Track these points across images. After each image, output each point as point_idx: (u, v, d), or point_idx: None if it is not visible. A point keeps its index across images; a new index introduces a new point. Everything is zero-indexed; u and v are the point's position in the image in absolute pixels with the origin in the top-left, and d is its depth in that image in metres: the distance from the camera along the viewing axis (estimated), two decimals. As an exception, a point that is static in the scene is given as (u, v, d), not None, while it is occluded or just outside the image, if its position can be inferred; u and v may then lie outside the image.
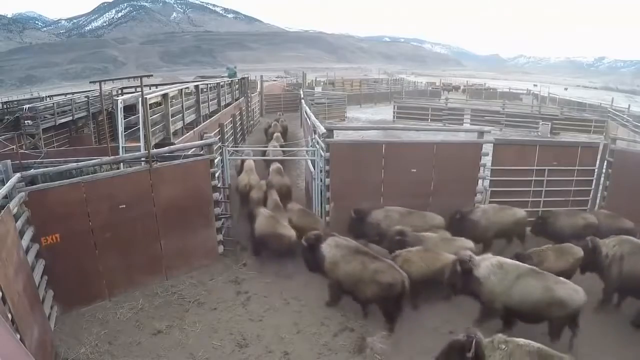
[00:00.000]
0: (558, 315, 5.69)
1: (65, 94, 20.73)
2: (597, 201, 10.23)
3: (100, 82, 7.85)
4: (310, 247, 6.89)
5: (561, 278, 5.99)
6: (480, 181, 9.93)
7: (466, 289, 6.18)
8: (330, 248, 6.76)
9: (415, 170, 9.39)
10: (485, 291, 5.98)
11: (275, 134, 16.43)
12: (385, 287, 6.16)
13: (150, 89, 13.23)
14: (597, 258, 6.77)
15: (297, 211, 9.05)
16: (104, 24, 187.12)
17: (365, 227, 8.41)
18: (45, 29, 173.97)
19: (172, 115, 11.94)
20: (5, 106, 18.83)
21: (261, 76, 32.32)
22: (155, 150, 7.86)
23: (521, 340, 4.49)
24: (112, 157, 7.50)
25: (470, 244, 7.45)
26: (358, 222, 8.46)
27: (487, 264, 6.09)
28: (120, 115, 9.08)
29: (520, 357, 4.33)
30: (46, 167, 7.16)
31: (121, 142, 8.85)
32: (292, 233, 8.13)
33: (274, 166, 11.20)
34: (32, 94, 36.15)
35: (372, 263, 6.39)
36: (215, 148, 8.55)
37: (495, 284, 5.93)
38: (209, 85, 16.69)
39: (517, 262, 6.28)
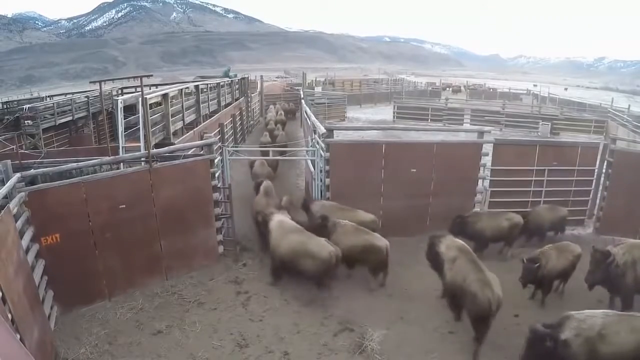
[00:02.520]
0: None
1: (65, 94, 20.75)
2: (597, 201, 10.24)
3: (100, 82, 7.84)
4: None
5: None
6: (480, 181, 9.94)
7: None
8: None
9: (415, 170, 9.39)
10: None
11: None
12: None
13: (150, 89, 13.25)
14: (610, 270, 6.58)
15: None
16: (104, 24, 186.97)
17: (309, 215, 8.95)
18: (45, 29, 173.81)
19: (172, 115, 11.95)
20: (5, 106, 18.85)
21: (261, 76, 32.29)
22: (155, 150, 7.86)
23: None
24: (112, 157, 7.50)
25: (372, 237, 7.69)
26: (305, 209, 9.12)
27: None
28: (120, 115, 9.08)
29: None
30: (46, 167, 7.15)
31: (121, 142, 8.84)
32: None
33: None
34: (32, 94, 36.15)
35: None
36: (215, 148, 8.54)
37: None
38: (209, 85, 16.70)
39: None
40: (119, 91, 17.12)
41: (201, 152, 8.44)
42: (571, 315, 5.04)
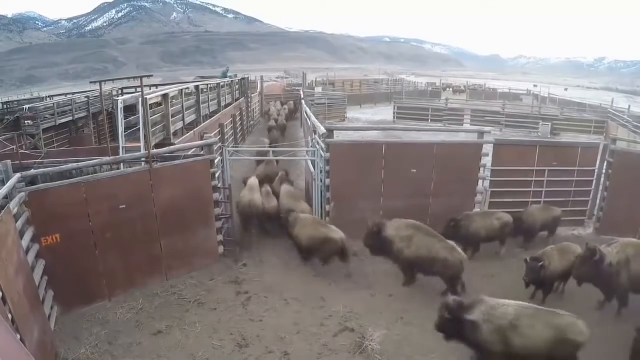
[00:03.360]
0: None
1: (65, 94, 20.74)
2: (597, 201, 10.24)
3: (100, 82, 7.84)
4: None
5: None
6: (480, 181, 9.94)
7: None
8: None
9: (415, 170, 9.39)
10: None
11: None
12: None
13: (150, 89, 13.24)
14: (601, 268, 6.59)
15: None
16: (104, 24, 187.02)
17: None
18: (45, 29, 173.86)
19: (172, 116, 11.95)
20: (5, 106, 18.83)
21: (261, 76, 32.30)
22: (155, 150, 7.86)
23: None
24: (112, 157, 7.50)
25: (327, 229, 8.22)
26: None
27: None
28: (120, 115, 9.08)
29: None
30: (46, 167, 7.16)
31: (121, 142, 8.84)
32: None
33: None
34: (32, 94, 36.10)
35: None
36: (215, 148, 8.54)
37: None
38: (209, 86, 16.69)
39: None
40: (119, 91, 17.13)
41: (201, 152, 8.44)
42: (484, 299, 5.25)
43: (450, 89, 48.14)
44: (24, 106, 15.34)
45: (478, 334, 5.09)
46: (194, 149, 8.73)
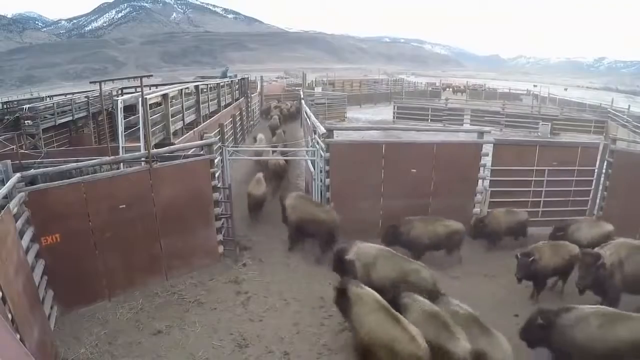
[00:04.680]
0: None
1: (65, 94, 20.72)
2: (597, 201, 10.23)
3: (100, 82, 7.84)
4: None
5: None
6: (480, 181, 9.94)
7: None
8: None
9: (415, 170, 9.40)
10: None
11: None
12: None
13: (150, 89, 13.25)
14: (600, 274, 6.57)
15: None
16: (104, 24, 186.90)
17: None
18: (45, 29, 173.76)
19: (172, 116, 11.96)
20: (5, 106, 18.83)
21: (261, 77, 32.30)
22: (155, 150, 7.86)
23: None
24: (112, 157, 7.50)
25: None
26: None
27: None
28: (120, 115, 9.08)
29: None
30: (46, 167, 7.16)
31: (121, 142, 8.84)
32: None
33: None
34: (32, 94, 36.12)
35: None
36: (215, 148, 8.54)
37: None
38: (209, 86, 16.70)
39: None
40: (119, 91, 17.10)
41: (201, 152, 8.44)
42: (356, 242, 6.94)
43: (450, 89, 48.11)
44: (24, 106, 15.32)
45: (353, 269, 6.66)
46: (194, 149, 8.73)
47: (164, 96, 11.61)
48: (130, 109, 10.50)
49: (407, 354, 4.88)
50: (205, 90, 15.95)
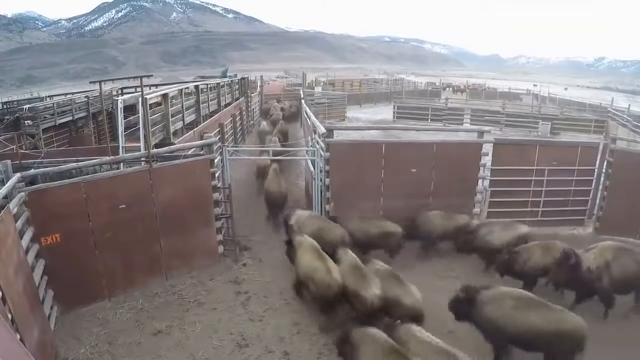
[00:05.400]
0: None
1: (65, 94, 20.73)
2: (597, 201, 10.23)
3: (100, 82, 7.85)
4: None
5: None
6: (480, 181, 9.93)
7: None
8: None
9: (415, 170, 9.39)
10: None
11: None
12: None
13: (150, 89, 13.24)
14: (579, 273, 6.67)
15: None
16: (104, 24, 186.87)
17: None
18: (45, 29, 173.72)
19: (172, 115, 11.95)
20: (5, 106, 18.82)
21: (261, 76, 32.29)
22: (155, 150, 7.86)
23: None
24: (112, 157, 7.50)
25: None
26: None
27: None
28: (120, 115, 9.09)
29: None
30: (46, 167, 7.16)
31: (121, 142, 8.85)
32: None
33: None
34: (32, 94, 36.12)
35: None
36: (215, 148, 8.54)
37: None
38: (209, 86, 16.70)
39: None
40: (119, 91, 17.08)
41: (201, 152, 8.44)
42: (296, 210, 8.66)
43: (450, 89, 48.10)
44: (24, 106, 15.33)
45: (292, 229, 7.96)
46: (193, 149, 8.73)
47: (164, 96, 11.61)
48: (130, 109, 10.50)
49: (322, 282, 6.31)
50: (205, 90, 15.95)
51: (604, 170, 10.14)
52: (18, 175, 6.16)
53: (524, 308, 5.45)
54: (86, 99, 18.39)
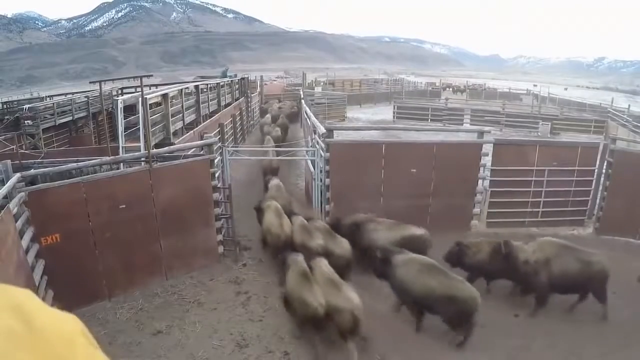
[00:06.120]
0: None
1: (65, 94, 20.72)
2: (597, 201, 10.24)
3: (100, 82, 7.85)
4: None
5: None
6: (480, 181, 9.94)
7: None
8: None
9: (415, 170, 9.40)
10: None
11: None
12: None
13: (150, 89, 13.25)
14: (516, 265, 6.78)
15: None
16: (104, 24, 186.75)
17: None
18: (45, 29, 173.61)
19: (172, 116, 11.95)
20: (5, 106, 18.84)
21: (261, 76, 32.26)
22: (155, 150, 7.86)
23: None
24: (112, 157, 7.50)
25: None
26: None
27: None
28: (120, 115, 9.08)
29: None
30: (46, 167, 7.15)
31: (121, 142, 8.85)
32: None
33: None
34: (32, 94, 36.11)
35: None
36: (215, 148, 8.54)
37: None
38: (209, 86, 16.70)
39: None
40: (119, 91, 17.12)
41: (201, 152, 8.44)
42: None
43: (450, 89, 48.07)
44: (24, 106, 15.34)
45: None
46: (193, 149, 8.73)
47: (164, 96, 11.61)
48: (130, 109, 10.50)
49: (273, 233, 8.09)
50: (205, 90, 15.95)
51: (604, 171, 10.14)
52: (18, 175, 6.15)
53: (426, 273, 6.24)
54: (86, 99, 18.40)
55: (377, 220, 8.34)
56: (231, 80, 20.65)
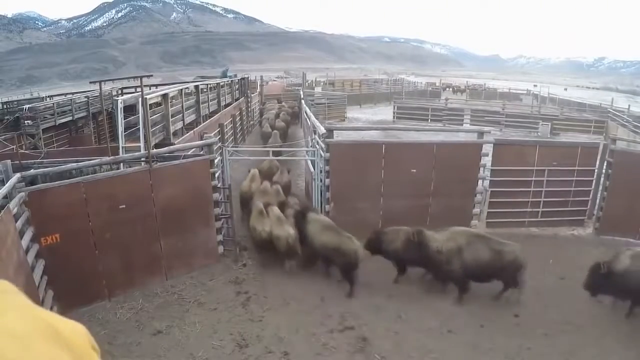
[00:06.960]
0: None
1: (65, 94, 20.72)
2: (597, 201, 10.24)
3: (100, 82, 7.84)
4: None
5: None
6: (480, 181, 9.93)
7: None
8: None
9: (415, 170, 9.39)
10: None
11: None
12: None
13: (150, 89, 13.25)
14: (427, 253, 7.02)
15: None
16: (104, 24, 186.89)
17: None
18: (45, 29, 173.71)
19: (172, 116, 11.96)
20: (5, 106, 18.83)
21: (261, 76, 32.27)
22: (155, 150, 7.86)
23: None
24: (112, 157, 7.50)
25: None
26: None
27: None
28: (120, 115, 9.08)
29: None
30: (46, 167, 7.15)
31: (121, 142, 8.84)
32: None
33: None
34: (32, 94, 36.11)
35: None
36: (215, 148, 8.54)
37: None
38: (209, 86, 16.70)
39: None
40: (119, 91, 17.10)
41: (201, 152, 8.43)
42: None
43: (450, 89, 48.07)
44: (24, 106, 15.33)
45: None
46: (193, 149, 8.73)
47: (164, 96, 11.62)
48: (130, 109, 10.50)
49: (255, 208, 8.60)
50: (205, 90, 15.95)
51: (604, 171, 10.14)
52: (18, 175, 6.15)
53: (324, 230, 7.58)
54: (86, 99, 18.39)
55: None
56: (231, 81, 20.65)
